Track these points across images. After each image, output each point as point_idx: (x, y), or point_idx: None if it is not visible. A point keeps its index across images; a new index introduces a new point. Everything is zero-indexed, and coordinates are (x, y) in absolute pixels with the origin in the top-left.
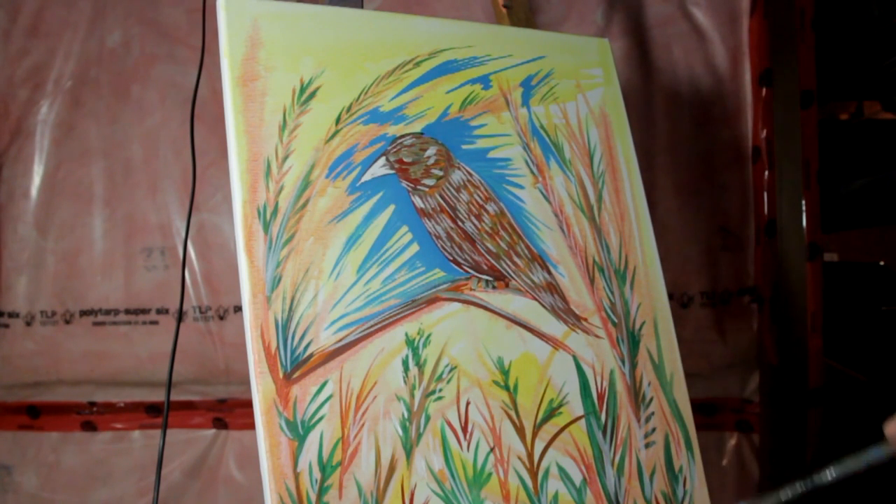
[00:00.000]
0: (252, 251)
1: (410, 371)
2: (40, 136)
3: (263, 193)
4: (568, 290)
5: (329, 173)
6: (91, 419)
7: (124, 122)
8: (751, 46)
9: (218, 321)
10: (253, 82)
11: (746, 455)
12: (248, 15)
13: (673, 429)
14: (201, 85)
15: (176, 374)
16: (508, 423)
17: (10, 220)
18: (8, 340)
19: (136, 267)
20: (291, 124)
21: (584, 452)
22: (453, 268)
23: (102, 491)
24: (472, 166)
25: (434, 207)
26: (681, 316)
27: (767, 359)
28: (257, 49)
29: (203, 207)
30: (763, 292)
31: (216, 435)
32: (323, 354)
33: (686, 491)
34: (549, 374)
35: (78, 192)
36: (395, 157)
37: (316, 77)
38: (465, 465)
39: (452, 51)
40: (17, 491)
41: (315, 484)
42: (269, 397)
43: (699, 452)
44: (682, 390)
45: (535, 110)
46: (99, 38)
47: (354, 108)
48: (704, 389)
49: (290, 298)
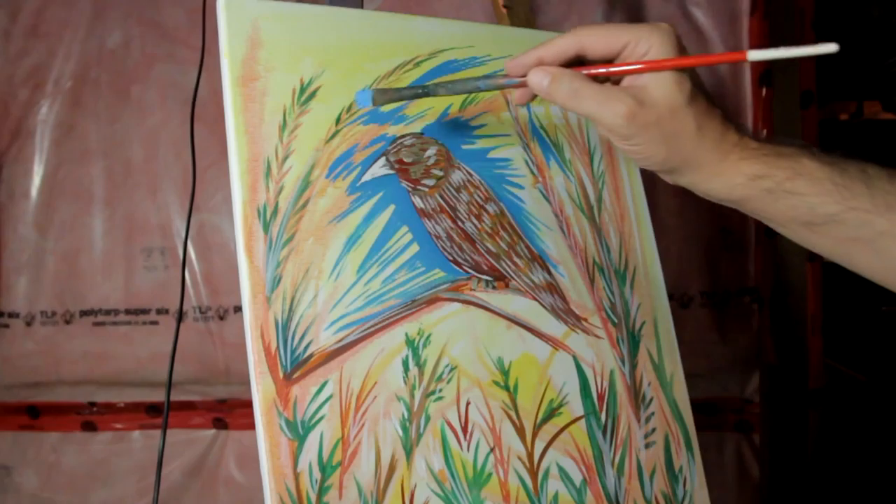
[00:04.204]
0: (252, 251)
1: (410, 371)
2: (40, 136)
3: (263, 194)
4: (568, 291)
5: (329, 173)
6: (91, 419)
7: (124, 122)
8: (751, 46)
9: (218, 321)
10: (253, 82)
11: (746, 455)
12: (248, 15)
13: (673, 429)
14: (201, 85)
15: (176, 374)
16: (508, 423)
17: (10, 220)
18: (8, 340)
19: (136, 267)
20: (291, 124)
21: (584, 452)
22: (453, 268)
23: (102, 491)
24: (472, 166)
25: (434, 207)
26: (681, 316)
27: (767, 359)
28: (257, 49)
29: (203, 207)
30: (763, 293)
31: (216, 435)
32: (323, 354)
33: (686, 491)
34: (549, 375)
35: (78, 193)
36: (395, 157)
37: (316, 77)
38: (465, 466)
39: (452, 51)
40: (17, 491)
41: (315, 484)
42: (269, 397)
43: (699, 452)
44: (682, 390)
45: (535, 110)
46: (99, 39)
47: (354, 108)
48: (704, 389)
49: (290, 298)
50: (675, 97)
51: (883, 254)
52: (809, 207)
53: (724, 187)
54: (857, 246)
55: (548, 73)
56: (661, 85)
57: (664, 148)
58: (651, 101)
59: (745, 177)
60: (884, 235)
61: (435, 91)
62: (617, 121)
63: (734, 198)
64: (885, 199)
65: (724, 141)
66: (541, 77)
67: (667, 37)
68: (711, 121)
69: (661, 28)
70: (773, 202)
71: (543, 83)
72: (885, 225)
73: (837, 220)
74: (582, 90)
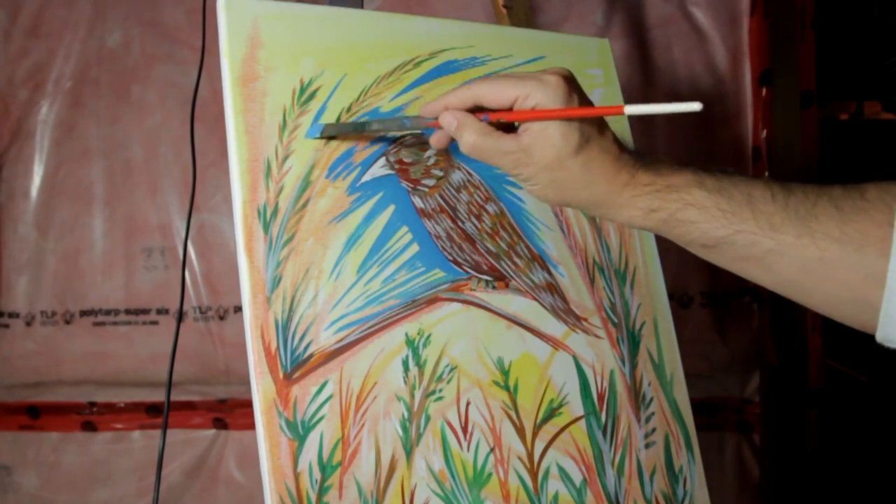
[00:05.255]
0: (252, 251)
1: (410, 371)
2: (40, 136)
3: (263, 193)
4: (568, 291)
5: (329, 173)
6: (91, 419)
7: (124, 122)
8: (751, 46)
9: (218, 321)
10: (253, 82)
11: (746, 455)
12: (248, 15)
13: (673, 429)
14: (201, 85)
15: (176, 374)
16: (508, 423)
17: (10, 220)
18: (8, 340)
19: (137, 267)
20: (291, 124)
21: (584, 452)
22: (453, 268)
23: (102, 491)
24: (473, 166)
25: (434, 208)
26: (681, 316)
27: (767, 359)
28: (257, 49)
29: (203, 207)
30: (763, 293)
31: (216, 435)
32: (323, 355)
33: (686, 491)
34: (549, 375)
35: (78, 192)
36: (395, 157)
37: (316, 77)
38: (466, 466)
39: (452, 51)
40: (17, 491)
41: (315, 484)
42: (269, 397)
43: (699, 452)
44: (682, 390)
45: None
46: (99, 38)
47: (354, 109)
48: (704, 389)
49: (290, 299)
50: (560, 148)
51: (772, 269)
52: (702, 232)
53: (625, 219)
54: (749, 263)
55: (455, 117)
56: (546, 136)
57: (554, 191)
58: (538, 151)
59: (640, 210)
60: (771, 253)
61: (370, 127)
62: (507, 167)
63: (636, 227)
64: (768, 220)
65: (615, 182)
66: (450, 120)
67: (552, 90)
68: (602, 165)
69: (546, 82)
70: (671, 229)
71: (452, 125)
72: (771, 244)
73: (727, 241)
74: (479, 141)
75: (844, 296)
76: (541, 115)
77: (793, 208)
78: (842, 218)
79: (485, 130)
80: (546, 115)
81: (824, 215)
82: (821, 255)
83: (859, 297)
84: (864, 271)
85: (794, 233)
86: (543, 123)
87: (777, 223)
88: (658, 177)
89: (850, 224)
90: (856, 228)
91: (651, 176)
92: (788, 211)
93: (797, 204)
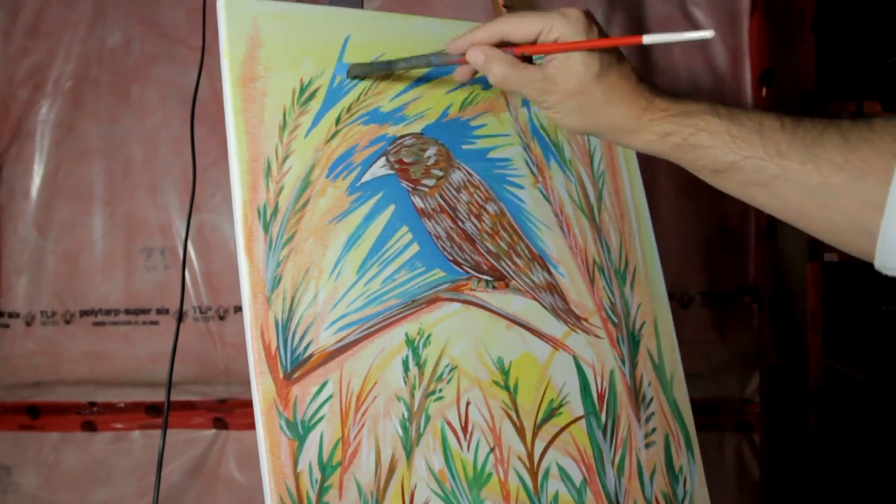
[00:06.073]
0: (252, 251)
1: (410, 371)
2: (40, 136)
3: (263, 193)
4: (568, 290)
5: (329, 173)
6: (91, 419)
7: (124, 122)
8: (751, 46)
9: (218, 321)
10: (253, 82)
11: (746, 455)
12: (248, 15)
13: (673, 429)
14: (201, 85)
15: (176, 374)
16: (508, 423)
17: (10, 220)
18: (8, 340)
19: (137, 267)
20: (291, 124)
21: (584, 452)
22: (453, 268)
23: (102, 491)
24: (472, 166)
25: (434, 208)
26: (681, 316)
27: (767, 359)
28: (257, 49)
29: (203, 207)
30: (763, 292)
31: (216, 435)
32: (323, 354)
33: (686, 491)
34: (549, 375)
35: (78, 192)
36: (395, 157)
37: (316, 77)
38: (466, 466)
39: None
40: (17, 491)
41: (315, 484)
42: (269, 397)
43: (699, 452)
44: (682, 390)
45: (535, 110)
46: (99, 38)
47: (354, 109)
48: (704, 389)
49: (290, 298)
50: (582, 75)
51: (778, 195)
52: (713, 157)
53: (642, 143)
54: (756, 189)
55: (483, 52)
56: (569, 66)
57: (578, 116)
58: (562, 79)
59: (656, 135)
60: (777, 179)
61: (397, 66)
62: (533, 95)
63: (652, 151)
64: (776, 147)
65: (634, 106)
66: (477, 55)
67: (573, 23)
68: (621, 91)
69: (568, 16)
70: (683, 154)
71: (480, 60)
72: (777, 170)
73: (737, 167)
74: (508, 72)
75: (845, 223)
76: (564, 47)
77: (800, 136)
78: (847, 147)
79: (512, 62)
80: (569, 46)
81: (830, 143)
82: (823, 181)
83: (859, 224)
84: (864, 199)
85: (799, 159)
86: (566, 53)
87: (784, 150)
88: (674, 103)
89: (854, 153)
90: (860, 157)
91: (667, 102)
92: (796, 139)
93: (804, 132)
